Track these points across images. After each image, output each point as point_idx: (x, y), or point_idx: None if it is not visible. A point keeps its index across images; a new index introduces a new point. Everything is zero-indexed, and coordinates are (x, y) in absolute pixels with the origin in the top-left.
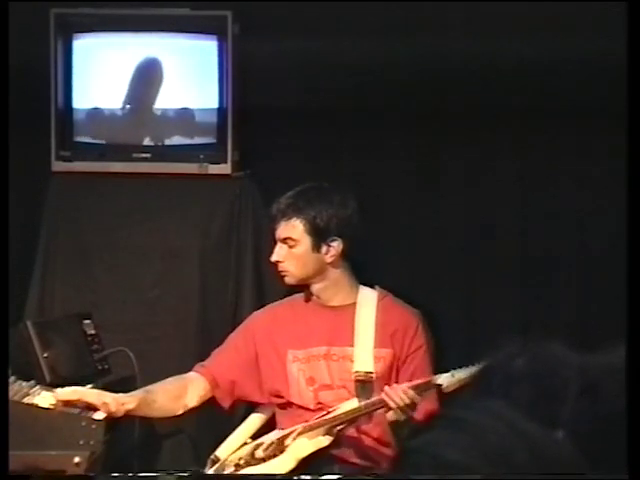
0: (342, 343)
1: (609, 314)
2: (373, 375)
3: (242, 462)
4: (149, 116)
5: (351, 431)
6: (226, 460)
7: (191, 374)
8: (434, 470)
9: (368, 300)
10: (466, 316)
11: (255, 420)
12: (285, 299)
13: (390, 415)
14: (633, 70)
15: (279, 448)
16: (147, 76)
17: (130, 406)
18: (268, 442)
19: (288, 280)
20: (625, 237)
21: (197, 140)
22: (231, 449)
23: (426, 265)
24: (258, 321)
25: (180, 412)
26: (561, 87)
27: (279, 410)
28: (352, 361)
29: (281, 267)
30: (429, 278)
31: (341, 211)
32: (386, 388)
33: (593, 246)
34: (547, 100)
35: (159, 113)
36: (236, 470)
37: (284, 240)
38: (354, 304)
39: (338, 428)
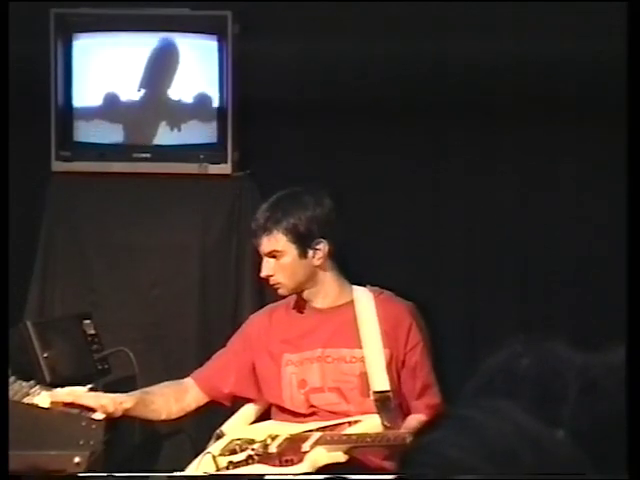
0: (337, 345)
1: (609, 314)
2: (390, 393)
3: (255, 454)
4: (149, 116)
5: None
6: (236, 443)
7: (188, 381)
8: (437, 469)
9: (365, 301)
10: (466, 316)
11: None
12: (280, 301)
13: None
14: (633, 70)
15: (294, 448)
16: (147, 76)
17: (128, 405)
18: (282, 438)
19: (282, 292)
20: (625, 237)
21: (197, 140)
22: (238, 426)
23: (426, 265)
24: (254, 325)
25: (177, 416)
26: (561, 87)
27: (275, 410)
28: (347, 362)
29: (272, 280)
30: (429, 278)
31: (319, 211)
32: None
33: (593, 246)
34: (547, 100)
35: (159, 113)
36: (248, 461)
37: (269, 254)
38: (347, 304)
39: (357, 448)
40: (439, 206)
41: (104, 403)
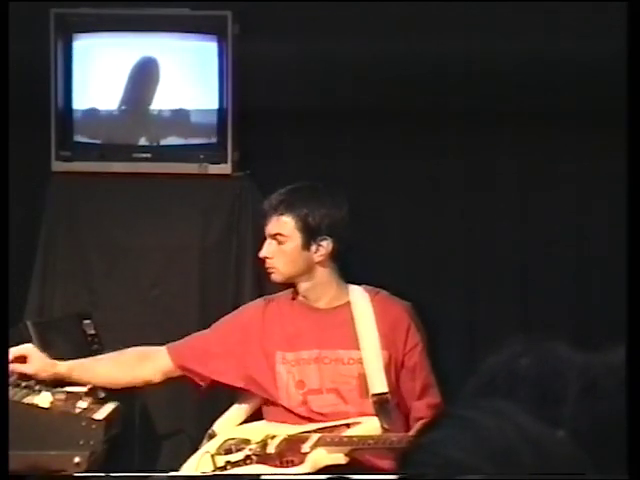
0: (334, 346)
1: (609, 314)
2: (388, 395)
3: (252, 454)
4: (149, 116)
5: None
6: (231, 442)
7: (159, 349)
8: (438, 468)
9: (362, 302)
10: (466, 316)
11: (252, 398)
12: (275, 295)
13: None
14: (633, 70)
15: (293, 449)
16: (147, 76)
17: (61, 369)
18: (280, 438)
19: (274, 277)
20: (625, 237)
21: (197, 140)
22: (229, 426)
23: (426, 265)
24: (247, 315)
25: (136, 384)
26: (561, 87)
27: (266, 406)
28: (344, 364)
29: (269, 263)
30: (429, 278)
31: (334, 212)
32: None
33: (593, 246)
34: (547, 100)
35: (159, 113)
36: (246, 461)
37: (274, 236)
38: (343, 305)
39: (358, 450)
40: (439, 206)
41: (37, 367)
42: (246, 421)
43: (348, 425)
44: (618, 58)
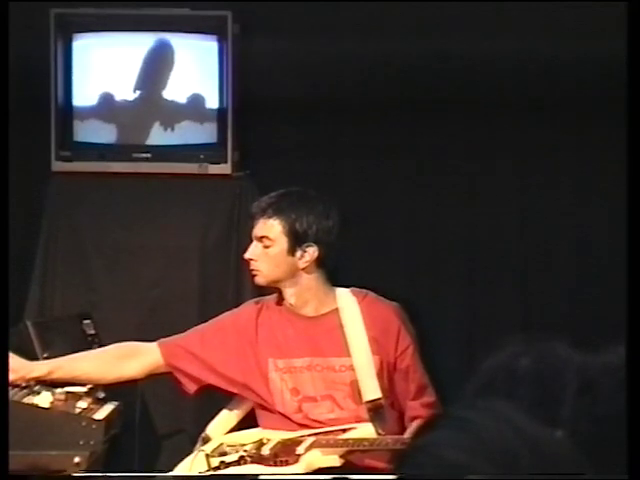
0: (325, 354)
1: (609, 314)
2: (382, 400)
3: (247, 456)
4: (149, 116)
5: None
6: (225, 446)
7: (149, 345)
8: (436, 470)
9: (350, 307)
10: (466, 316)
11: (243, 402)
12: (266, 299)
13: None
14: (633, 70)
15: (287, 452)
16: (147, 76)
17: (35, 374)
18: (274, 441)
19: (258, 280)
20: (625, 237)
21: (197, 140)
22: (222, 429)
23: (426, 265)
24: (242, 319)
25: (113, 381)
26: (561, 87)
27: (260, 413)
28: (336, 371)
29: (253, 265)
30: (429, 278)
31: (322, 219)
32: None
33: (593, 246)
34: (547, 100)
35: (159, 113)
36: (240, 461)
37: (260, 239)
38: (331, 312)
39: (353, 452)
40: (439, 206)
41: (14, 368)
42: (238, 424)
43: (344, 431)
44: (618, 58)
